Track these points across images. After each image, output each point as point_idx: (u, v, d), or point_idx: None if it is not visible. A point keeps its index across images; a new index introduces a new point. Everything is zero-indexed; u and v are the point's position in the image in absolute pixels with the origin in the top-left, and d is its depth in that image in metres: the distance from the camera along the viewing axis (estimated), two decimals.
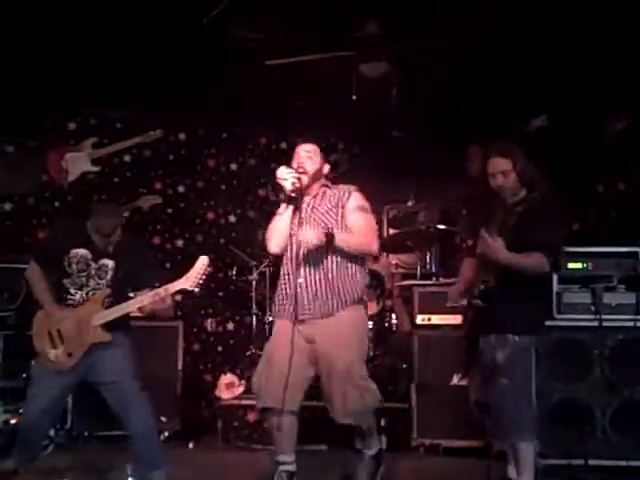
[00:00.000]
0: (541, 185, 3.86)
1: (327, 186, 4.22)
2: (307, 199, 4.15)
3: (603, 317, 4.68)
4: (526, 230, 3.72)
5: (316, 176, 4.16)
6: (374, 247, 4.15)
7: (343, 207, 4.12)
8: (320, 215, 4.11)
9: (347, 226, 4.09)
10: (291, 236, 4.09)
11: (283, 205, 4.08)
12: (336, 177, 4.40)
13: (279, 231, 4.11)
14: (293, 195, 4.05)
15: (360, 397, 3.92)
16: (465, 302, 4.08)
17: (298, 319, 4.00)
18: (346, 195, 4.14)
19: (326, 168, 4.24)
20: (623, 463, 4.61)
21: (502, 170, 3.90)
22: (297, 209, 4.07)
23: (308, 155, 4.15)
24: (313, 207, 4.15)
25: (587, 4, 4.71)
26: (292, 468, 4.06)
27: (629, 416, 4.65)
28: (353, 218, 4.10)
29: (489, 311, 3.80)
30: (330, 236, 3.95)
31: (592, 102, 5.59)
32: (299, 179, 4.03)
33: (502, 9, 4.91)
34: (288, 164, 4.11)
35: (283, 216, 4.08)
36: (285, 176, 4.02)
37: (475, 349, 3.96)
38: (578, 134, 4.75)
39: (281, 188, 4.08)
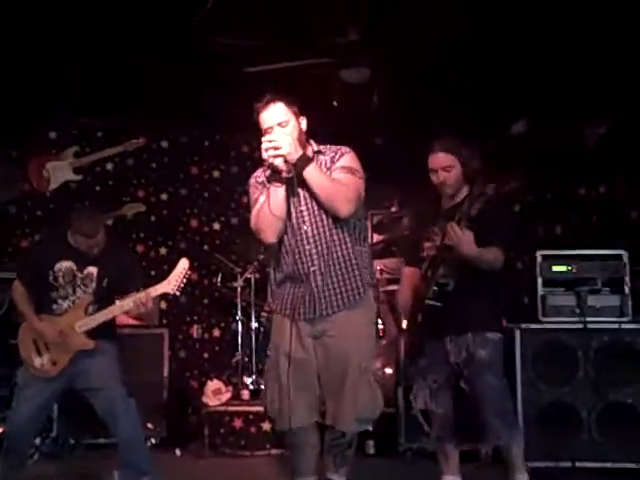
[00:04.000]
0: (482, 181, 3.73)
1: (319, 152, 3.56)
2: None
3: (587, 319, 4.72)
4: (482, 227, 3.63)
5: (301, 142, 3.45)
6: (345, 205, 3.43)
7: (330, 168, 3.51)
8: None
9: None
10: (289, 220, 3.50)
11: (277, 188, 3.41)
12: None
13: (276, 219, 3.43)
14: (289, 174, 3.38)
15: (372, 400, 3.54)
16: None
17: (307, 317, 3.53)
18: (337, 156, 3.53)
19: (304, 123, 3.52)
20: (609, 465, 4.64)
21: (444, 166, 3.82)
22: (292, 188, 3.44)
23: (281, 124, 3.41)
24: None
25: (569, 9, 4.74)
26: None
27: (614, 418, 4.68)
28: (336, 175, 3.47)
29: (450, 311, 3.64)
30: (305, 159, 3.38)
31: (573, 106, 5.63)
32: (277, 148, 3.30)
33: (484, 13, 4.94)
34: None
35: (278, 200, 3.41)
36: (274, 152, 3.30)
37: (428, 354, 3.84)
38: (559, 138, 4.77)
39: (271, 167, 3.39)
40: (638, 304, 4.84)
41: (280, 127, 3.40)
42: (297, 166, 3.37)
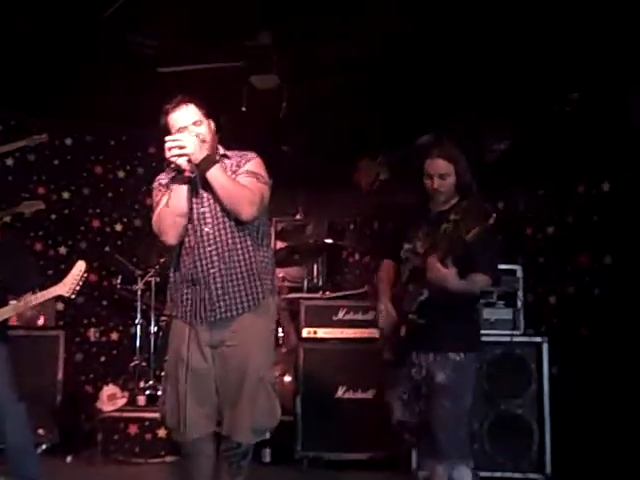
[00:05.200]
0: (475, 194, 3.68)
1: (226, 156, 3.58)
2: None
3: (482, 332, 4.82)
4: (471, 253, 3.48)
5: (212, 144, 3.47)
6: (248, 209, 3.43)
7: (236, 172, 3.52)
8: None
9: None
10: (190, 221, 3.48)
11: (179, 187, 3.37)
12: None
13: (178, 220, 3.41)
14: (192, 175, 3.37)
15: (270, 411, 3.54)
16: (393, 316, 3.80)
17: (207, 320, 3.48)
18: (243, 161, 3.55)
19: (212, 126, 3.53)
20: (498, 474, 4.77)
21: (441, 173, 3.68)
22: (194, 188, 3.44)
23: (196, 122, 3.43)
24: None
25: (482, 18, 4.83)
26: None
27: (505, 428, 4.81)
28: (241, 179, 3.49)
29: (425, 327, 3.56)
30: (210, 160, 3.35)
31: (475, 121, 5.77)
32: (182, 147, 3.28)
33: (395, 25, 5.00)
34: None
35: (180, 200, 3.37)
36: (178, 151, 3.27)
37: (402, 365, 3.75)
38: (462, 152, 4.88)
39: (174, 167, 3.35)
40: (529, 318, 5.01)
41: (195, 126, 3.41)
42: (200, 167, 3.35)
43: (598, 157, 5.10)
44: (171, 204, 3.38)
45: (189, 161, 3.31)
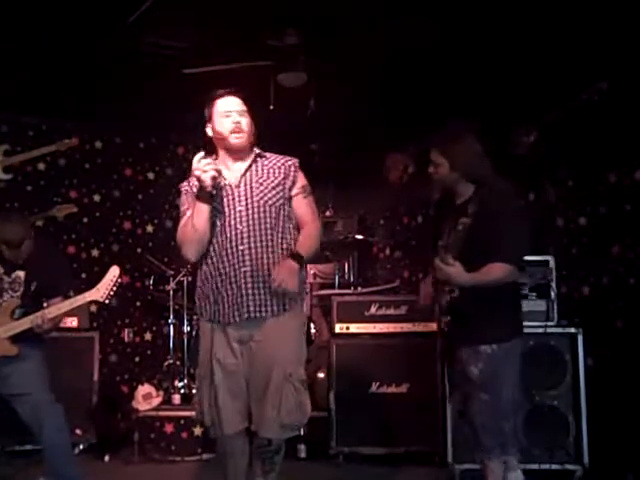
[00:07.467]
0: (492, 180, 3.51)
1: (260, 155, 3.63)
2: (237, 166, 3.57)
3: None
4: (483, 237, 3.35)
5: (253, 137, 3.59)
6: (321, 230, 3.70)
7: (291, 186, 3.58)
8: (263, 191, 3.52)
9: (291, 208, 3.59)
10: (218, 221, 3.51)
11: (201, 206, 3.43)
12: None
13: (200, 237, 3.47)
14: (214, 192, 3.45)
15: (298, 406, 3.48)
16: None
17: (234, 321, 3.48)
18: (292, 170, 3.61)
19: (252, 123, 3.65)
20: (534, 466, 4.72)
21: (434, 162, 3.59)
22: (214, 200, 3.49)
23: (243, 112, 3.55)
24: (252, 179, 3.54)
25: (508, 6, 4.80)
26: None
27: (540, 420, 4.77)
28: (300, 204, 3.61)
29: (458, 323, 3.52)
30: (299, 259, 3.46)
31: (504, 114, 5.73)
32: (219, 171, 3.42)
33: (421, 23, 4.99)
34: None
35: (201, 219, 3.44)
36: (205, 168, 3.36)
37: (452, 361, 3.71)
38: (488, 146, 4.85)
39: (199, 183, 3.42)
40: (562, 310, 4.96)
41: (240, 114, 3.53)
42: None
43: (629, 146, 5.03)
44: (194, 223, 3.44)
45: (213, 178, 3.39)
